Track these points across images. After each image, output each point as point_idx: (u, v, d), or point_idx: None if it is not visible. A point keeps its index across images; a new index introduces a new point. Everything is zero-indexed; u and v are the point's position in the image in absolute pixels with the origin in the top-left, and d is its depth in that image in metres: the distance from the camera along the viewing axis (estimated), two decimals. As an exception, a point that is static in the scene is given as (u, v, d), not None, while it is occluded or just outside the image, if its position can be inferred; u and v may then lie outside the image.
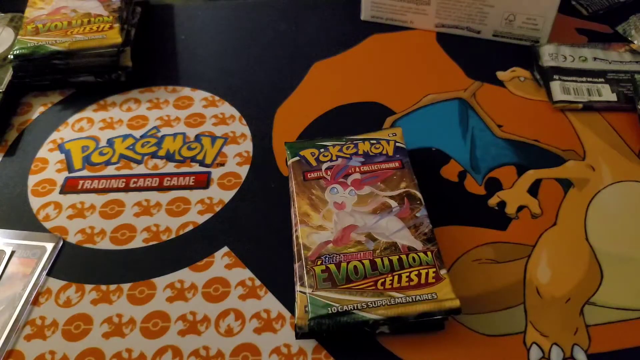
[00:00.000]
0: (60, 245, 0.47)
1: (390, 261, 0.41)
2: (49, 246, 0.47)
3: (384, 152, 0.48)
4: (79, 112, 0.58)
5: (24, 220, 0.49)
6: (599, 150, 0.53)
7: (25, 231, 0.48)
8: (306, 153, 0.48)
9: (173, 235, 0.48)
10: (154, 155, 0.54)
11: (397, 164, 0.47)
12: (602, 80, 0.58)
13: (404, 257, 0.41)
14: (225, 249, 0.47)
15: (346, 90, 0.60)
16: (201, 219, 0.49)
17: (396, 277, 0.40)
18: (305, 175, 0.47)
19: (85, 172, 0.53)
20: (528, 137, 0.55)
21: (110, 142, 0.55)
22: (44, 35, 0.58)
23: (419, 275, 0.40)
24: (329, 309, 0.39)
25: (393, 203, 0.45)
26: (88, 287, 0.44)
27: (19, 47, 0.57)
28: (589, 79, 0.58)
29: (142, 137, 0.56)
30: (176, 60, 0.64)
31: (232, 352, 0.41)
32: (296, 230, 0.44)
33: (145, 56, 0.64)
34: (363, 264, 0.41)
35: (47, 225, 0.49)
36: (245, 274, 0.45)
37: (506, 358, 0.40)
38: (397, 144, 0.49)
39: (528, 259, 0.46)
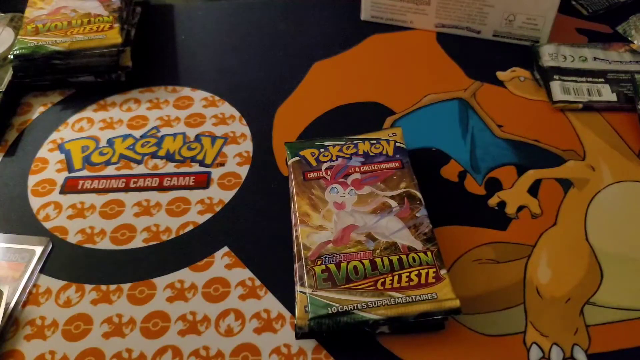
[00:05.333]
0: (49, 248, 0.47)
1: (390, 261, 0.41)
2: (38, 249, 0.46)
3: (384, 152, 0.48)
4: (79, 112, 0.58)
5: (23, 220, 0.49)
6: (599, 150, 0.53)
7: (13, 234, 0.47)
8: (306, 153, 0.48)
9: (173, 235, 0.48)
10: (154, 155, 0.54)
11: (397, 164, 0.47)
12: (602, 80, 0.58)
13: (404, 257, 0.41)
14: (225, 249, 0.47)
15: (346, 90, 0.60)
16: (201, 219, 0.49)
17: (396, 277, 0.40)
18: (305, 175, 0.47)
19: (85, 172, 0.53)
20: (528, 137, 0.55)
21: (110, 142, 0.55)
22: (44, 35, 0.58)
23: (419, 275, 0.40)
24: (329, 309, 0.39)
25: (393, 203, 0.45)
26: (88, 287, 0.44)
27: (19, 47, 0.57)
28: (589, 79, 0.58)
29: (142, 137, 0.56)
30: (176, 60, 0.64)
31: (232, 352, 0.41)
32: (296, 230, 0.44)
33: (145, 56, 0.64)
34: (363, 264, 0.41)
35: (47, 225, 0.49)
36: (245, 274, 0.45)
37: (506, 358, 0.40)
38: (397, 144, 0.49)
39: (528, 259, 0.46)
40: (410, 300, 0.39)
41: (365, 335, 0.41)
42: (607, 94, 0.57)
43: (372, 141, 0.49)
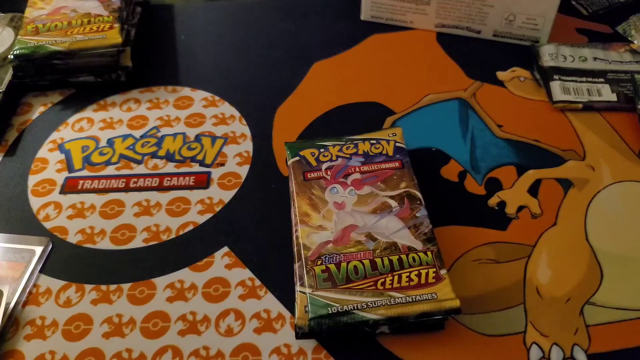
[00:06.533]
0: (49, 248, 0.47)
1: (390, 261, 0.41)
2: (38, 249, 0.46)
3: (384, 152, 0.48)
4: (79, 112, 0.58)
5: (23, 220, 0.49)
6: (599, 150, 0.53)
7: (13, 234, 0.47)
8: (306, 153, 0.48)
9: (173, 235, 0.48)
10: (154, 155, 0.54)
11: (397, 164, 0.47)
12: (602, 80, 0.58)
13: (404, 257, 0.41)
14: (225, 249, 0.47)
15: (346, 90, 0.60)
16: (201, 219, 0.49)
17: (396, 277, 0.40)
18: (305, 175, 0.47)
19: (85, 172, 0.53)
20: (528, 137, 0.55)
21: (110, 142, 0.55)
22: (44, 35, 0.58)
23: (419, 275, 0.40)
24: (329, 309, 0.39)
25: (393, 203, 0.45)
26: (88, 287, 0.44)
27: (19, 47, 0.57)
28: (589, 79, 0.58)
29: (142, 137, 0.56)
30: (176, 60, 0.64)
31: (232, 352, 0.41)
32: (296, 230, 0.44)
33: (145, 56, 0.64)
34: (363, 264, 0.41)
35: (47, 225, 0.49)
36: (245, 274, 0.45)
37: (506, 358, 0.40)
38: (397, 144, 0.49)
39: (528, 259, 0.46)
40: (410, 300, 0.39)
41: (365, 335, 0.41)
42: (607, 94, 0.57)
43: (372, 141, 0.49)
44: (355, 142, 0.49)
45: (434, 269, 0.40)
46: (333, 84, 0.61)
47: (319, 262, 0.41)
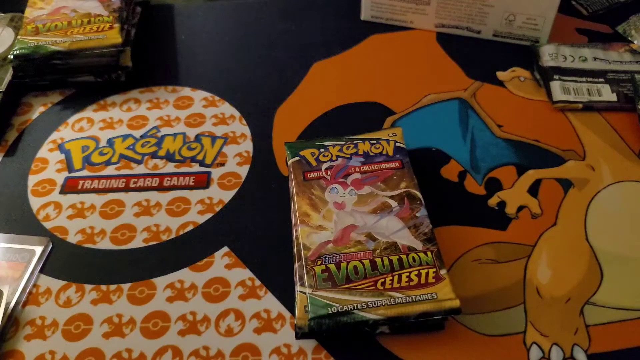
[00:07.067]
0: (49, 248, 0.47)
1: (390, 261, 0.41)
2: (38, 249, 0.46)
3: (384, 152, 0.48)
4: (79, 112, 0.58)
5: (23, 220, 0.49)
6: (599, 150, 0.53)
7: (13, 234, 0.47)
8: (306, 153, 0.48)
9: (173, 235, 0.48)
10: (154, 155, 0.54)
11: (397, 164, 0.47)
12: (602, 80, 0.58)
13: (404, 257, 0.41)
14: (225, 249, 0.47)
15: (346, 90, 0.60)
16: (201, 219, 0.49)
17: (396, 277, 0.40)
18: (305, 175, 0.47)
19: (85, 172, 0.53)
20: (528, 137, 0.55)
21: (110, 142, 0.55)
22: (44, 35, 0.58)
23: (419, 275, 0.40)
24: (329, 309, 0.39)
25: (393, 203, 0.45)
26: (88, 287, 0.44)
27: (19, 47, 0.57)
28: (589, 79, 0.58)
29: (142, 137, 0.56)
30: (176, 60, 0.64)
31: (232, 352, 0.41)
32: (296, 230, 0.44)
33: (145, 56, 0.64)
34: (363, 264, 0.41)
35: (47, 225, 0.49)
36: (245, 274, 0.45)
37: (506, 358, 0.40)
38: (397, 144, 0.49)
39: (528, 259, 0.46)
40: (410, 300, 0.39)
41: (365, 335, 0.41)
42: (607, 94, 0.57)
43: (372, 141, 0.49)
44: (355, 142, 0.49)
45: (434, 269, 0.40)
46: (333, 84, 0.61)
47: (319, 262, 0.41)
